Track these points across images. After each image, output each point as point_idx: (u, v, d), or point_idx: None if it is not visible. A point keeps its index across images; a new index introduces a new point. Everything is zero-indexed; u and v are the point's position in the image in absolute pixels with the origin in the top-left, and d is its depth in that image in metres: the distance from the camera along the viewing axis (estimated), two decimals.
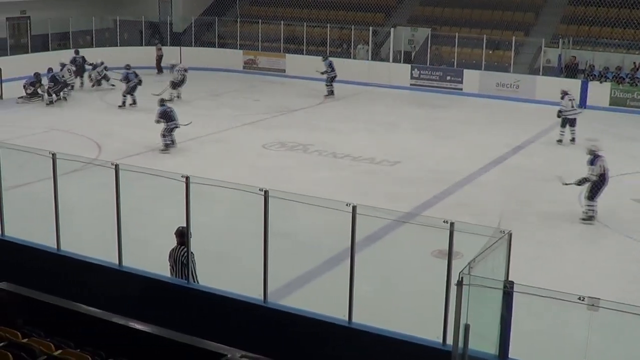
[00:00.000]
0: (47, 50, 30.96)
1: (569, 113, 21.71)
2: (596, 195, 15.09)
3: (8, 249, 10.80)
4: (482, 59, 29.48)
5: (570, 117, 21.69)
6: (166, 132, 20.03)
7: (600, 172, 15.02)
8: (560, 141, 21.88)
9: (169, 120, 20.12)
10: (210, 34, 35.67)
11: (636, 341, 9.12)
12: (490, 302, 7.31)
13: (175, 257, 9.76)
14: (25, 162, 13.27)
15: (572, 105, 21.77)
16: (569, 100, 21.80)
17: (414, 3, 35.07)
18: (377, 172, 18.46)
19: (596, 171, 15.05)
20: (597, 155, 15.19)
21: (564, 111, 21.77)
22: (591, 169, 15.11)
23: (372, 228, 12.74)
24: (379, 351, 8.30)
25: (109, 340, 8.05)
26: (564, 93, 22.08)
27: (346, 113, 25.65)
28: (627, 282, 12.28)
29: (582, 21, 30.28)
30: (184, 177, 9.17)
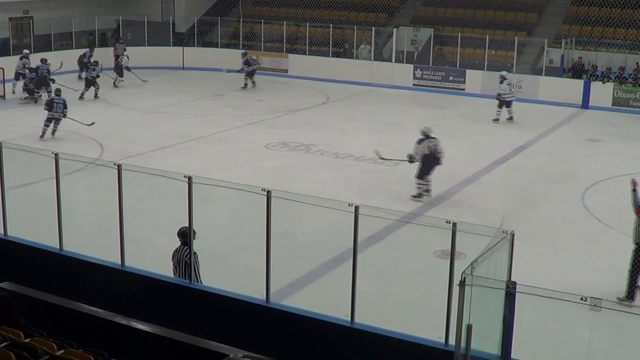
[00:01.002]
0: (50, 50, 30.94)
1: (506, 96, 24.46)
2: (425, 174, 16.12)
3: (11, 248, 10.81)
4: (484, 59, 29.46)
5: (507, 100, 24.44)
6: (47, 120, 21.05)
7: (424, 152, 16.04)
8: (497, 120, 24.49)
9: (50, 109, 21.13)
10: (213, 34, 35.69)
11: (638, 341, 9.12)
12: (492, 302, 7.31)
13: (178, 257, 9.77)
14: (28, 162, 13.31)
15: (510, 90, 24.62)
16: (507, 84, 24.54)
17: (417, 3, 35.06)
18: (380, 172, 18.45)
19: (419, 150, 16.13)
20: (427, 137, 16.23)
21: (502, 94, 24.45)
22: (416, 147, 16.25)
23: (374, 228, 12.75)
24: (381, 351, 8.31)
25: (112, 340, 8.07)
26: (502, 78, 24.75)
27: (348, 113, 25.64)
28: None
29: (584, 21, 30.24)
30: (187, 177, 9.17)
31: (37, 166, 12.82)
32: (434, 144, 16.24)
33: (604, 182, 17.79)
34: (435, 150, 16.20)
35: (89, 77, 26.99)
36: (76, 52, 31.84)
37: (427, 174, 16.19)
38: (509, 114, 24.53)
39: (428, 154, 16.11)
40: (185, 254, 9.70)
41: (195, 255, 9.71)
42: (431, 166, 16.16)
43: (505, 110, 24.47)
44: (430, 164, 16.14)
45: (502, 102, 24.43)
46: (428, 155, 16.11)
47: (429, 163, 16.13)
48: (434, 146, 16.20)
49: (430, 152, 16.13)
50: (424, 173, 16.16)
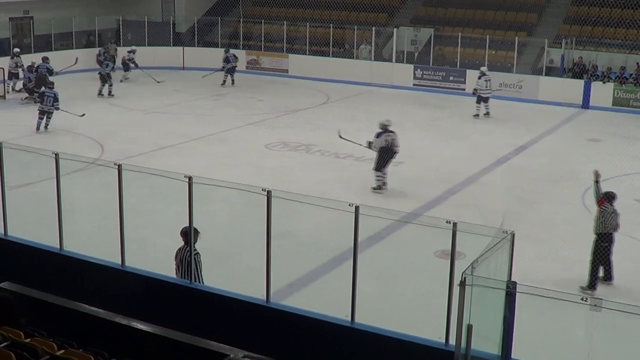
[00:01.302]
0: (50, 50, 30.95)
1: (483, 92, 25.10)
2: (382, 166, 16.66)
3: (11, 248, 10.81)
4: (485, 59, 29.45)
5: (484, 95, 25.10)
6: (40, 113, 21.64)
7: (382, 145, 16.54)
8: (477, 115, 25.18)
9: (41, 102, 21.81)
10: (213, 34, 35.69)
11: (638, 341, 9.12)
12: (493, 302, 7.31)
13: (181, 257, 9.77)
14: (28, 162, 13.31)
15: (487, 86, 25.13)
16: (484, 80, 25.11)
17: (417, 3, 35.07)
18: None
19: (378, 143, 16.64)
20: (386, 131, 16.77)
21: (479, 90, 25.14)
22: (375, 140, 16.79)
23: (374, 228, 12.75)
24: (381, 351, 8.31)
25: (112, 340, 8.07)
26: (481, 73, 25.32)
27: (349, 113, 25.63)
28: (629, 282, 12.26)
29: (585, 21, 30.25)
30: (187, 177, 9.17)
31: (37, 166, 12.83)
32: (392, 138, 16.78)
33: (604, 183, 17.70)
34: (393, 144, 16.76)
35: (103, 72, 27.54)
36: (77, 52, 31.98)
37: (384, 167, 16.74)
38: (486, 109, 25.26)
39: (385, 146, 16.63)
40: (188, 253, 9.71)
41: (198, 256, 9.71)
42: (388, 159, 16.75)
43: (482, 106, 25.24)
44: (387, 156, 16.72)
45: (480, 98, 25.21)
46: (385, 148, 16.62)
47: (386, 156, 16.68)
48: (391, 140, 16.76)
49: (387, 145, 16.66)
50: (381, 165, 16.71)
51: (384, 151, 16.64)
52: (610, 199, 12.23)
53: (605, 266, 12.14)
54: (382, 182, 16.74)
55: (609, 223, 12.07)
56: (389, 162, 16.77)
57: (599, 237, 12.10)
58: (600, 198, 12.32)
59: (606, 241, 12.03)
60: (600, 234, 12.09)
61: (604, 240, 12.03)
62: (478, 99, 25.24)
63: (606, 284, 12.18)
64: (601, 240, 12.04)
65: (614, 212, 12.18)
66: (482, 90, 25.15)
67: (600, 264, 12.04)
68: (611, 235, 12.09)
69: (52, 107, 21.69)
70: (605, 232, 12.07)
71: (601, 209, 12.19)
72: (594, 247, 12.07)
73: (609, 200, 12.22)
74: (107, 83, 27.43)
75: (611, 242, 12.08)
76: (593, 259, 11.99)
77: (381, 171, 16.72)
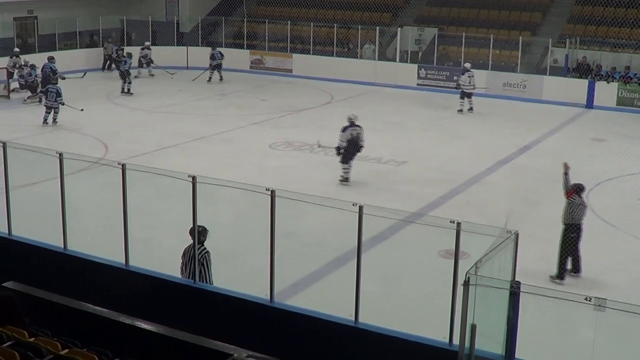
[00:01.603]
0: (54, 50, 31.00)
1: (466, 88, 25.68)
2: (348, 159, 17.17)
3: (15, 248, 10.83)
4: (489, 58, 29.44)
5: (467, 91, 25.67)
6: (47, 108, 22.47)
7: (348, 138, 17.04)
8: (461, 111, 25.76)
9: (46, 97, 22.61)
10: (217, 34, 35.71)
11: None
12: (496, 302, 7.30)
13: (190, 255, 9.77)
14: (32, 161, 13.33)
15: (470, 82, 25.66)
16: (468, 77, 25.67)
17: (421, 3, 35.04)
18: (384, 171, 18.45)
19: (344, 137, 17.09)
20: (352, 125, 17.20)
21: (462, 85, 25.79)
22: (341, 135, 17.20)
23: (378, 228, 12.74)
24: (385, 351, 8.31)
25: (116, 340, 8.08)
26: (465, 70, 25.94)
27: (352, 113, 25.57)
28: (634, 282, 12.25)
29: (589, 21, 30.21)
30: (191, 177, 9.18)
31: (41, 166, 12.85)
32: (357, 132, 17.22)
33: (609, 182, 17.78)
34: (358, 138, 17.20)
35: (122, 69, 28.00)
36: (79, 52, 32.08)
37: (351, 159, 17.25)
38: (470, 104, 25.77)
39: (351, 139, 17.11)
40: (198, 252, 9.73)
41: (208, 254, 9.81)
42: (353, 152, 17.22)
43: (466, 101, 25.76)
44: (352, 150, 17.19)
45: (464, 94, 25.79)
46: (351, 141, 17.12)
47: (351, 149, 17.17)
48: (356, 134, 17.20)
49: (353, 138, 17.10)
50: (347, 158, 17.20)
51: (350, 144, 17.13)
52: (579, 191, 12.52)
53: (574, 257, 12.38)
54: (348, 175, 17.29)
55: (577, 214, 12.34)
56: (354, 156, 17.28)
57: (567, 228, 12.36)
58: (569, 190, 12.60)
59: (574, 232, 12.28)
60: (568, 225, 12.34)
61: (572, 231, 12.28)
62: (462, 95, 25.86)
63: (574, 276, 12.41)
64: (569, 231, 12.29)
65: (582, 204, 12.47)
66: (466, 86, 25.74)
67: (568, 255, 12.31)
68: (579, 226, 12.35)
69: (56, 102, 22.36)
70: (572, 223, 12.33)
71: (569, 201, 12.45)
72: (562, 238, 12.34)
73: (577, 192, 12.49)
74: (127, 80, 27.84)
75: (579, 233, 12.34)
76: (561, 250, 12.31)
77: (347, 164, 17.25)
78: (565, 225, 12.42)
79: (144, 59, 31.52)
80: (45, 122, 22.44)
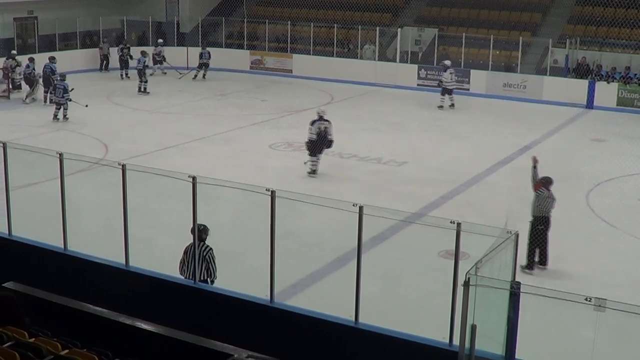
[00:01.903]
0: (54, 50, 30.99)
1: (448, 84, 26.36)
2: (316, 152, 17.77)
3: (15, 248, 10.83)
4: (489, 59, 29.45)
5: (449, 88, 26.33)
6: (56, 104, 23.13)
7: (317, 131, 17.67)
8: (441, 107, 26.43)
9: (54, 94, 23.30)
10: (217, 34, 35.71)
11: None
12: (496, 302, 7.30)
13: (192, 253, 9.80)
14: (32, 162, 13.33)
15: (452, 79, 26.41)
16: (449, 74, 26.33)
17: (421, 3, 35.04)
18: (384, 172, 18.45)
19: (313, 130, 17.70)
20: (320, 119, 17.83)
21: (444, 82, 26.43)
22: (310, 128, 17.86)
23: (378, 228, 12.74)
24: (385, 351, 8.31)
25: (116, 340, 8.08)
26: (445, 67, 26.58)
27: (353, 113, 25.63)
28: (634, 282, 12.25)
29: (589, 21, 30.21)
30: (191, 177, 9.18)
31: (41, 166, 12.84)
32: (325, 126, 17.83)
33: (609, 182, 17.78)
34: (326, 132, 17.80)
35: (137, 68, 28.31)
36: (78, 52, 32.09)
37: (319, 152, 17.85)
38: (451, 100, 26.42)
39: (318, 133, 17.75)
40: (202, 249, 9.81)
41: (211, 251, 9.92)
42: (321, 145, 17.82)
43: (447, 98, 26.39)
44: (320, 143, 17.80)
45: (445, 90, 26.38)
46: (319, 134, 17.75)
47: (319, 142, 17.79)
48: (324, 128, 17.80)
49: (320, 132, 17.71)
50: (315, 151, 17.81)
51: (319, 138, 17.74)
52: (547, 184, 12.79)
53: (541, 249, 12.60)
54: (316, 167, 17.86)
55: (545, 207, 12.66)
56: (322, 149, 17.86)
57: (535, 220, 12.64)
58: (537, 182, 12.89)
59: (542, 224, 12.56)
60: (536, 217, 12.64)
61: (540, 223, 12.56)
62: (443, 92, 26.44)
63: (541, 268, 12.61)
64: (537, 223, 12.58)
65: (550, 196, 12.74)
66: (448, 82, 26.37)
67: (536, 246, 12.56)
68: (547, 218, 12.65)
69: (63, 98, 22.95)
70: (540, 215, 12.63)
71: (537, 193, 12.77)
72: (530, 230, 12.58)
73: (545, 185, 12.77)
74: (143, 79, 28.09)
75: (547, 225, 12.63)
76: (530, 241, 12.56)
77: (315, 156, 17.83)
78: (533, 217, 12.70)
79: (158, 56, 31.92)
80: (55, 118, 23.01)
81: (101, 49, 32.83)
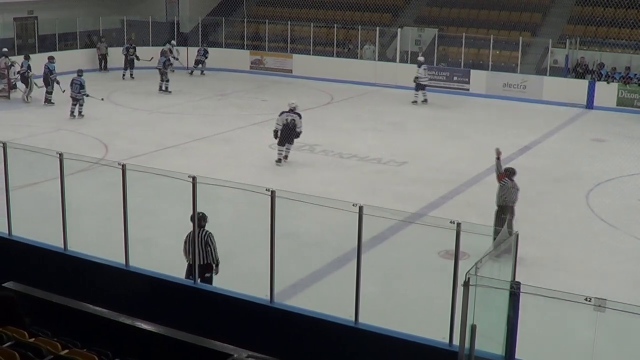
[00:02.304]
0: (55, 50, 30.99)
1: (422, 80, 27.13)
2: (282, 142, 18.71)
3: (15, 248, 10.83)
4: (489, 59, 29.45)
5: (422, 83, 27.12)
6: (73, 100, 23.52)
7: (283, 122, 18.64)
8: (415, 102, 27.27)
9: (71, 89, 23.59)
10: (217, 34, 35.71)
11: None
12: (496, 302, 7.30)
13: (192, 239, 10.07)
14: (32, 161, 13.33)
15: (425, 75, 27.26)
16: (423, 69, 27.22)
17: (421, 3, 35.04)
18: (384, 172, 18.45)
19: (280, 120, 18.72)
20: (288, 111, 18.81)
21: (419, 78, 27.14)
22: (277, 118, 18.84)
23: (378, 228, 12.75)
24: (385, 351, 8.31)
25: (116, 340, 8.08)
26: (420, 63, 27.40)
27: (353, 113, 25.64)
28: (634, 282, 12.25)
29: (589, 21, 30.22)
30: (191, 177, 9.19)
31: (41, 166, 12.85)
32: (292, 118, 18.75)
33: (609, 183, 17.78)
34: (294, 125, 18.73)
35: (158, 67, 28.62)
36: (78, 52, 32.07)
37: (286, 142, 18.79)
38: (424, 96, 27.17)
39: (286, 124, 18.66)
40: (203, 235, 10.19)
41: (211, 235, 10.31)
42: (287, 136, 18.75)
43: (420, 93, 27.16)
44: (286, 134, 18.72)
45: (418, 86, 27.15)
46: (285, 126, 18.66)
47: (285, 133, 18.71)
48: (291, 120, 18.72)
49: (287, 124, 18.66)
50: (282, 141, 18.73)
51: (285, 128, 18.67)
52: (510, 175, 13.32)
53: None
54: (283, 156, 18.83)
55: (509, 197, 13.18)
56: (288, 139, 18.76)
57: (500, 209, 13.19)
58: (500, 173, 13.37)
59: (505, 213, 13.03)
60: (500, 207, 13.19)
61: (504, 212, 13.05)
62: (417, 87, 27.19)
63: None
64: (501, 212, 13.11)
65: (514, 187, 13.25)
66: (422, 78, 27.10)
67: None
68: (512, 208, 13.17)
69: (79, 94, 23.45)
70: (505, 204, 13.17)
71: (501, 184, 13.30)
72: (495, 219, 13.08)
73: (509, 176, 13.29)
74: (164, 79, 28.26)
75: (512, 214, 13.11)
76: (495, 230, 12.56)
77: (283, 145, 18.75)
78: (498, 206, 13.23)
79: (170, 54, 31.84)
80: (72, 115, 23.45)
81: (99, 49, 32.81)
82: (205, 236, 10.27)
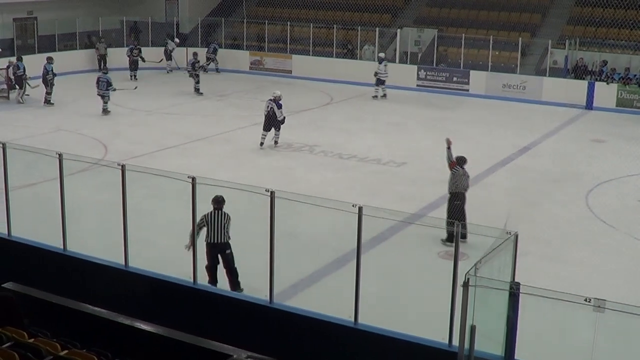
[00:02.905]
0: (54, 51, 30.97)
1: (382, 75, 27.89)
2: (266, 127, 20.27)
3: (15, 249, 10.84)
4: (488, 60, 29.45)
5: (382, 79, 27.89)
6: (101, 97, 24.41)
7: (266, 110, 20.18)
8: (376, 97, 28.09)
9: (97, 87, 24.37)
10: (216, 35, 35.71)
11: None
12: (496, 303, 7.30)
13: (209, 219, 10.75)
14: (32, 162, 13.32)
15: (385, 71, 27.87)
16: (384, 65, 27.87)
17: (421, 4, 35.05)
18: (384, 172, 18.45)
19: (264, 107, 20.22)
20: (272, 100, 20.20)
21: (379, 73, 27.86)
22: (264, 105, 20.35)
23: (378, 229, 12.73)
24: (384, 352, 8.31)
25: (115, 341, 8.08)
26: (380, 59, 28.12)
27: (352, 114, 25.64)
28: (633, 283, 12.25)
29: (588, 22, 30.22)
30: (191, 177, 9.19)
31: (41, 166, 12.85)
32: (270, 107, 20.16)
33: (608, 183, 17.78)
34: (273, 113, 20.14)
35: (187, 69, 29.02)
36: (78, 53, 32.06)
37: (274, 128, 20.33)
38: (383, 91, 28.02)
39: (268, 112, 20.20)
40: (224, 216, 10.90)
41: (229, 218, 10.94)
42: (269, 123, 20.28)
43: (380, 89, 28.00)
44: (268, 120, 20.29)
45: (378, 81, 27.94)
46: (268, 113, 20.21)
47: (267, 120, 20.28)
48: (270, 108, 20.15)
49: (268, 112, 20.16)
50: (264, 127, 20.33)
51: (268, 115, 20.21)
52: (461, 163, 14.02)
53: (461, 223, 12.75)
54: (274, 141, 20.44)
55: (460, 184, 13.85)
56: (271, 125, 20.27)
57: (452, 196, 13.80)
58: (452, 162, 13.94)
59: (458, 199, 13.70)
60: (453, 194, 13.82)
61: (457, 199, 13.69)
62: (377, 82, 27.97)
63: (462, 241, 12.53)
64: (454, 199, 13.73)
65: (465, 174, 13.95)
66: (382, 74, 27.80)
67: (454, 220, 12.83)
68: (463, 194, 13.83)
69: (107, 91, 24.26)
70: (457, 191, 13.81)
71: (453, 171, 13.94)
72: (448, 206, 13.78)
73: (460, 164, 13.98)
74: (196, 80, 28.46)
75: (463, 200, 13.75)
76: (448, 216, 13.38)
77: (268, 131, 20.33)
78: (450, 194, 13.84)
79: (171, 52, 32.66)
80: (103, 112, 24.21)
81: (97, 50, 32.75)
82: (226, 219, 10.86)
